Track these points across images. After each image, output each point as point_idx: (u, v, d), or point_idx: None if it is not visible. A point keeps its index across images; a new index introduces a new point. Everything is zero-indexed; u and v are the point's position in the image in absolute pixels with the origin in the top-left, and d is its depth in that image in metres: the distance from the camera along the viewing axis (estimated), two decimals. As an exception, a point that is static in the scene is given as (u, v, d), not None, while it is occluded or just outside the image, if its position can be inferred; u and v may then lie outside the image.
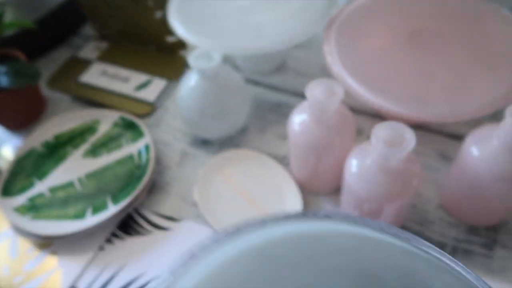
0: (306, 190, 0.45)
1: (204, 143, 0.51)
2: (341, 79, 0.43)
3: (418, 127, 0.50)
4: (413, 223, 0.42)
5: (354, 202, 0.38)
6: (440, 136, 0.49)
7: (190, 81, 0.47)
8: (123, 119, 0.51)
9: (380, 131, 0.33)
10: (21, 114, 0.54)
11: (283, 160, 0.48)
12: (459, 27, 0.47)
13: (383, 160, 0.34)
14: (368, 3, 0.50)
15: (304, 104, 0.40)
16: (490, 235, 0.41)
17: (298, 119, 0.40)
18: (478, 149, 0.36)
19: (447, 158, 0.47)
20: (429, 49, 0.45)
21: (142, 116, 0.54)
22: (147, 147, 0.48)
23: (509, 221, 0.42)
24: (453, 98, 0.40)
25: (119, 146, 0.50)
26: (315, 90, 0.37)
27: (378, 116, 0.50)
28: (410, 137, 0.33)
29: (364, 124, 0.51)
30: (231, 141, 0.51)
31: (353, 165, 0.37)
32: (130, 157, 0.48)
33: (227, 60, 0.60)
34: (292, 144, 0.41)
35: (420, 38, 0.45)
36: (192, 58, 0.44)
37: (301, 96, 0.52)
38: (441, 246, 0.41)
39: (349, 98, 0.51)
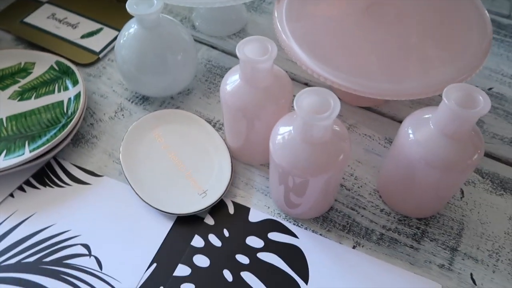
0: (238, 160, 0.43)
1: (144, 100, 0.48)
2: (287, 46, 0.40)
3: (369, 109, 0.47)
4: (343, 206, 0.40)
5: (279, 176, 0.35)
6: (391, 121, 0.46)
7: (129, 29, 0.43)
8: (59, 64, 0.48)
9: (304, 97, 0.30)
10: (-45, 48, 0.51)
11: (221, 127, 0.45)
12: (419, 4, 0.43)
13: (307, 129, 0.31)
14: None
15: (237, 66, 0.37)
16: (420, 227, 0.39)
17: (231, 80, 0.37)
18: (413, 132, 0.34)
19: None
20: (383, 23, 0.41)
21: (84, 65, 0.51)
22: (77, 96, 0.45)
23: (441, 214, 0.39)
24: (396, 75, 0.38)
25: (50, 92, 0.46)
26: (246, 47, 0.34)
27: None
28: (335, 104, 0.30)
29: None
30: (172, 101, 0.48)
31: (278, 134, 0.34)
32: (59, 104, 0.45)
33: (186, 20, 0.56)
34: (224, 107, 0.38)
35: (376, 11, 0.42)
36: (130, 2, 0.40)
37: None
38: (368, 232, 0.38)
39: (294, 68, 0.49)
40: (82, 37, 0.53)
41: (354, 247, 0.37)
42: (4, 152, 0.41)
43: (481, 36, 0.40)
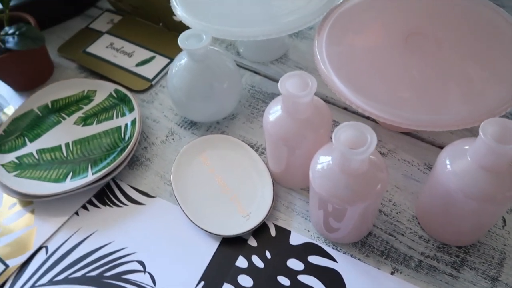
0: (280, 184, 0.45)
1: (192, 125, 0.52)
2: (326, 77, 0.42)
3: (408, 135, 0.48)
4: (382, 232, 0.41)
5: (318, 202, 0.37)
6: (431, 146, 0.47)
7: (180, 61, 0.47)
8: (117, 91, 0.53)
9: (342, 131, 0.32)
10: (28, 76, 0.57)
11: (263, 152, 0.48)
12: (459, 32, 0.44)
13: (344, 161, 0.33)
14: (367, 1, 0.48)
15: (280, 97, 0.39)
16: (459, 255, 0.39)
17: (273, 111, 0.39)
18: (451, 163, 0.35)
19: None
20: (421, 53, 0.42)
21: (139, 92, 0.55)
22: (133, 122, 0.49)
23: (482, 243, 0.40)
24: (434, 106, 0.38)
25: (109, 118, 0.51)
26: (288, 81, 0.36)
27: (362, 115, 0.49)
28: (371, 139, 0.31)
29: (346, 120, 0.49)
30: (218, 126, 0.51)
31: (318, 163, 0.36)
32: (117, 129, 0.49)
33: (231, 47, 0.60)
34: (266, 136, 0.41)
35: (415, 41, 0.43)
36: (181, 38, 0.44)
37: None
38: (407, 259, 0.39)
39: (334, 94, 0.50)
40: (137, 65, 0.58)
41: (392, 273, 0.39)
42: (71, 174, 0.46)
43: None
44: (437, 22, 0.45)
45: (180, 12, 0.49)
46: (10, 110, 0.56)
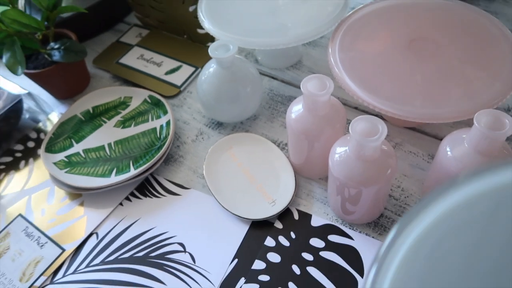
0: (300, 174, 0.51)
1: (218, 125, 0.58)
2: (340, 79, 0.48)
3: (413, 129, 0.54)
4: (392, 213, 0.47)
5: (337, 187, 0.43)
6: (433, 139, 0.53)
7: (209, 68, 0.53)
8: (151, 97, 0.59)
9: (357, 123, 0.38)
10: (69, 86, 0.63)
11: (284, 147, 0.54)
12: (457, 37, 0.50)
13: (360, 148, 0.39)
14: (376, 10, 0.54)
15: (301, 96, 0.45)
16: (461, 231, 0.44)
17: (295, 109, 0.45)
18: (451, 150, 0.40)
19: (436, 159, 0.51)
20: (424, 55, 0.48)
21: (169, 97, 0.62)
22: (168, 123, 0.55)
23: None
24: (436, 102, 0.44)
25: (145, 120, 0.57)
26: (309, 83, 0.42)
27: (371, 113, 0.54)
28: (382, 129, 0.37)
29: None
30: (242, 126, 0.57)
31: (336, 153, 0.42)
32: (153, 130, 0.56)
33: (250, 55, 0.66)
34: (289, 131, 0.47)
35: (418, 45, 0.49)
36: (211, 48, 0.50)
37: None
38: (415, 235, 0.45)
39: (346, 95, 0.56)
40: (166, 73, 0.64)
41: (402, 248, 0.44)
42: (115, 170, 0.52)
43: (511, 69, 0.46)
44: (437, 29, 0.51)
45: (207, 24, 0.56)
46: (53, 116, 0.62)
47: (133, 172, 0.51)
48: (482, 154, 0.38)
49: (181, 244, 0.47)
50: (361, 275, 0.43)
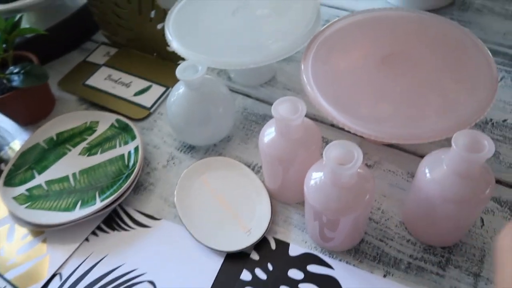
0: (277, 199, 0.48)
1: (190, 149, 0.55)
2: (313, 99, 0.46)
3: (392, 146, 0.52)
4: (373, 238, 0.45)
5: (313, 214, 0.41)
6: (412, 156, 0.51)
7: (178, 90, 0.51)
8: (119, 121, 0.56)
9: (331, 150, 0.36)
10: (32, 112, 0.60)
11: (259, 170, 0.51)
12: (431, 51, 0.49)
13: (335, 176, 0.37)
14: (348, 27, 0.52)
15: (273, 119, 0.43)
16: (444, 255, 0.43)
17: (267, 133, 0.43)
18: (430, 172, 0.38)
19: (416, 178, 0.49)
20: (398, 73, 0.47)
21: (138, 120, 0.59)
22: (136, 149, 0.52)
23: (464, 242, 0.43)
24: (411, 121, 0.43)
25: (112, 147, 0.54)
26: (280, 107, 0.40)
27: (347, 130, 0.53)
28: (358, 156, 0.35)
29: (334, 136, 0.53)
30: (215, 148, 0.55)
31: (311, 179, 0.39)
32: (121, 157, 0.53)
33: (222, 72, 0.64)
34: (262, 156, 0.45)
35: (391, 62, 0.48)
36: (179, 70, 0.48)
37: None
38: (397, 262, 0.43)
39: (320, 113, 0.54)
40: (135, 94, 0.61)
41: (384, 276, 0.42)
42: (79, 203, 0.49)
43: (487, 81, 0.45)
44: (412, 43, 0.50)
45: (175, 44, 0.53)
46: (16, 145, 0.58)
47: (99, 204, 0.48)
48: (462, 177, 0.37)
49: (151, 283, 0.44)
50: (343, 307, 0.40)
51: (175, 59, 0.65)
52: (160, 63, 0.65)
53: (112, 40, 0.70)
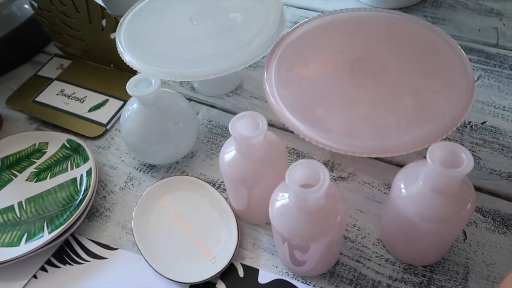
0: (244, 220, 0.45)
1: (151, 168, 0.51)
2: (277, 111, 0.42)
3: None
4: (349, 259, 0.41)
5: (281, 238, 0.37)
6: (389, 166, 0.48)
7: (133, 104, 0.46)
8: (70, 141, 0.51)
9: (294, 171, 0.32)
10: (-25, 134, 0.55)
11: (225, 189, 0.47)
12: (403, 54, 0.45)
13: (300, 200, 0.33)
14: (315, 29, 0.49)
15: (232, 137, 0.39)
16: (426, 274, 0.39)
17: (227, 152, 0.39)
18: (406, 188, 0.35)
19: (393, 189, 0.45)
20: (368, 79, 0.43)
21: (94, 138, 0.54)
22: (89, 172, 0.48)
23: (446, 259, 0.40)
24: (383, 132, 0.39)
25: (63, 170, 0.49)
26: (238, 123, 0.36)
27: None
28: (324, 177, 0.31)
29: (304, 147, 0.50)
30: (178, 166, 0.50)
31: (276, 201, 0.36)
32: (72, 182, 0.48)
33: (185, 82, 0.59)
34: (224, 177, 0.41)
35: (363, 65, 0.44)
36: (129, 84, 0.43)
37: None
38: (375, 284, 0.39)
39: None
40: (90, 110, 0.56)
41: (362, 301, 0.38)
42: (25, 236, 0.44)
43: (463, 84, 0.42)
44: (382, 45, 0.46)
45: (128, 57, 0.49)
46: (-42, 171, 0.53)
47: (47, 236, 0.43)
48: (440, 193, 0.33)
49: (106, 323, 0.39)
50: None
51: (133, 70, 0.60)
52: (117, 74, 0.61)
53: (65, 52, 0.65)
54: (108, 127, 0.55)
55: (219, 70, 0.45)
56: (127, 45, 0.50)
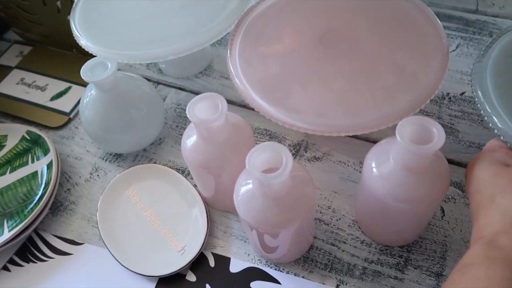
0: (214, 208, 0.43)
1: (117, 157, 0.48)
2: (243, 92, 0.40)
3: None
4: (324, 243, 0.39)
5: (249, 226, 0.35)
6: (365, 142, 0.46)
7: (90, 91, 0.43)
8: (30, 133, 0.48)
9: (255, 156, 0.30)
10: None
11: (195, 174, 0.45)
12: (373, 24, 0.43)
13: (263, 186, 0.31)
14: (280, 2, 0.45)
15: (193, 122, 0.36)
16: (403, 255, 0.38)
17: (189, 138, 0.36)
18: (377, 167, 0.33)
19: (369, 167, 0.44)
20: (338, 53, 0.41)
21: (56, 128, 0.51)
22: (50, 165, 0.45)
23: (424, 238, 0.39)
24: (353, 109, 0.37)
25: (24, 163, 0.47)
26: (196, 107, 0.33)
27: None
28: (287, 160, 0.29)
29: (273, 127, 0.48)
30: (145, 154, 0.48)
31: (240, 188, 0.34)
32: (33, 176, 0.45)
33: (152, 64, 0.56)
34: (187, 165, 0.38)
35: (331, 39, 0.42)
36: (84, 69, 0.40)
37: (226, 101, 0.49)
38: (351, 268, 0.38)
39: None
40: (52, 99, 0.53)
41: (337, 286, 0.37)
42: (-16, 234, 0.42)
43: (438, 54, 0.39)
44: (349, 17, 0.43)
45: (84, 41, 0.45)
46: None
47: (7, 234, 0.41)
48: (412, 172, 0.31)
49: (72, 321, 0.38)
50: (292, 327, 0.35)
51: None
52: (80, 59, 0.56)
53: (25, 38, 0.61)
54: (71, 115, 0.52)
55: (179, 50, 0.43)
56: (82, 28, 0.46)
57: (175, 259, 0.39)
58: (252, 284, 0.38)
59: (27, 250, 0.42)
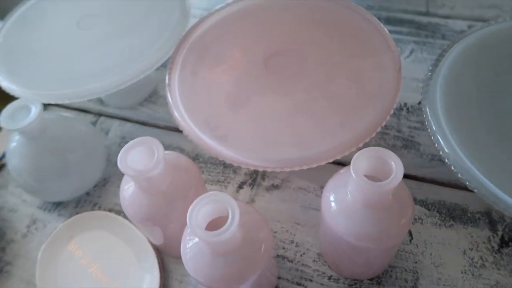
0: (168, 255, 0.39)
1: (57, 205, 0.43)
2: (185, 128, 0.36)
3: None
4: (289, 283, 0.36)
5: (202, 285, 0.31)
6: (327, 165, 0.43)
7: (15, 138, 0.39)
8: (-46, 188, 0.43)
9: (198, 209, 0.26)
10: None
11: (145, 217, 0.41)
12: (322, 43, 0.40)
13: (209, 244, 0.27)
14: (221, 22, 0.42)
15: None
16: (373, 289, 0.36)
17: (126, 190, 0.32)
18: (336, 202, 0.30)
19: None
20: (285, 77, 0.38)
21: (-14, 177, 0.46)
22: (-22, 224, 0.40)
23: (393, 266, 0.36)
24: (305, 140, 0.34)
25: None
26: (129, 156, 0.30)
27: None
28: (234, 212, 0.26)
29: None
30: (88, 198, 0.43)
31: (186, 242, 0.30)
32: (-41, 238, 0.40)
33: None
34: (129, 218, 0.34)
35: (278, 62, 0.38)
36: (3, 116, 0.36)
37: (174, 130, 0.45)
38: (319, 308, 0.35)
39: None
40: (-20, 144, 0.48)
41: (306, 331, 0.34)
42: None
43: (390, 69, 0.37)
44: (297, 35, 0.41)
45: (5, 83, 0.40)
46: None
47: None
48: (372, 207, 0.29)
49: None
50: None
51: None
52: (10, 96, 0.52)
53: None
54: (3, 161, 0.47)
55: (111, 86, 0.38)
56: (3, 65, 0.42)
57: (126, 321, 0.35)
58: None
59: (-43, 326, 0.37)
